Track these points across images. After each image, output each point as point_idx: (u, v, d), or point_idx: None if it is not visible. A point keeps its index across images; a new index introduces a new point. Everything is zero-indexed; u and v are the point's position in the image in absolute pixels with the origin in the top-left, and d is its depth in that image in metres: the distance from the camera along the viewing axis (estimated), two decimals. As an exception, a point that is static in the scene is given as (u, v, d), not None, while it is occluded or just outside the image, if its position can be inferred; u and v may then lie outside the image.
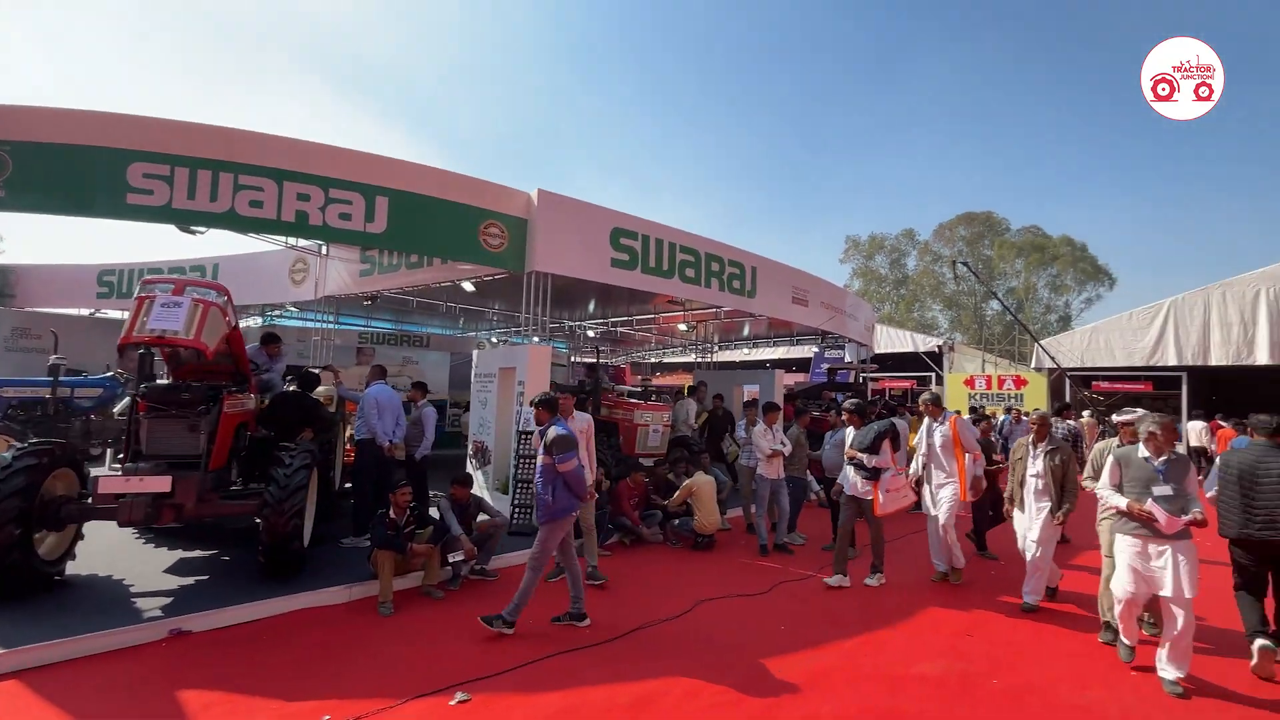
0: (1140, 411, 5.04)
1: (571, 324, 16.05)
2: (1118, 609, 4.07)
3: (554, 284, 8.45)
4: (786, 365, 26.01)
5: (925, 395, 6.11)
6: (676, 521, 7.04)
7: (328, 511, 6.71)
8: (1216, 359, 16.06)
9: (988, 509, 6.81)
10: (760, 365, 20.54)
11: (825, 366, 17.65)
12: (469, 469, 8.61)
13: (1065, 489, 4.96)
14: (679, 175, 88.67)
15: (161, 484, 4.43)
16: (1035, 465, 5.08)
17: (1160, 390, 16.96)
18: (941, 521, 5.58)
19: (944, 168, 71.65)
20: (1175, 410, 16.40)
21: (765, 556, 6.65)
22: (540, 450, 4.42)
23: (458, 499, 5.59)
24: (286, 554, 4.83)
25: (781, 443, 6.91)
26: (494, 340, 18.34)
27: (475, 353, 9.05)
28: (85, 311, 15.21)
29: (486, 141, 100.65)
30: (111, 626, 3.95)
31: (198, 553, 5.71)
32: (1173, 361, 16.63)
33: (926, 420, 5.89)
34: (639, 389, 12.75)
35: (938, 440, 5.72)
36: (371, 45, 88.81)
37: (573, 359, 19.34)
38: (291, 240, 9.57)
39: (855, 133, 76.78)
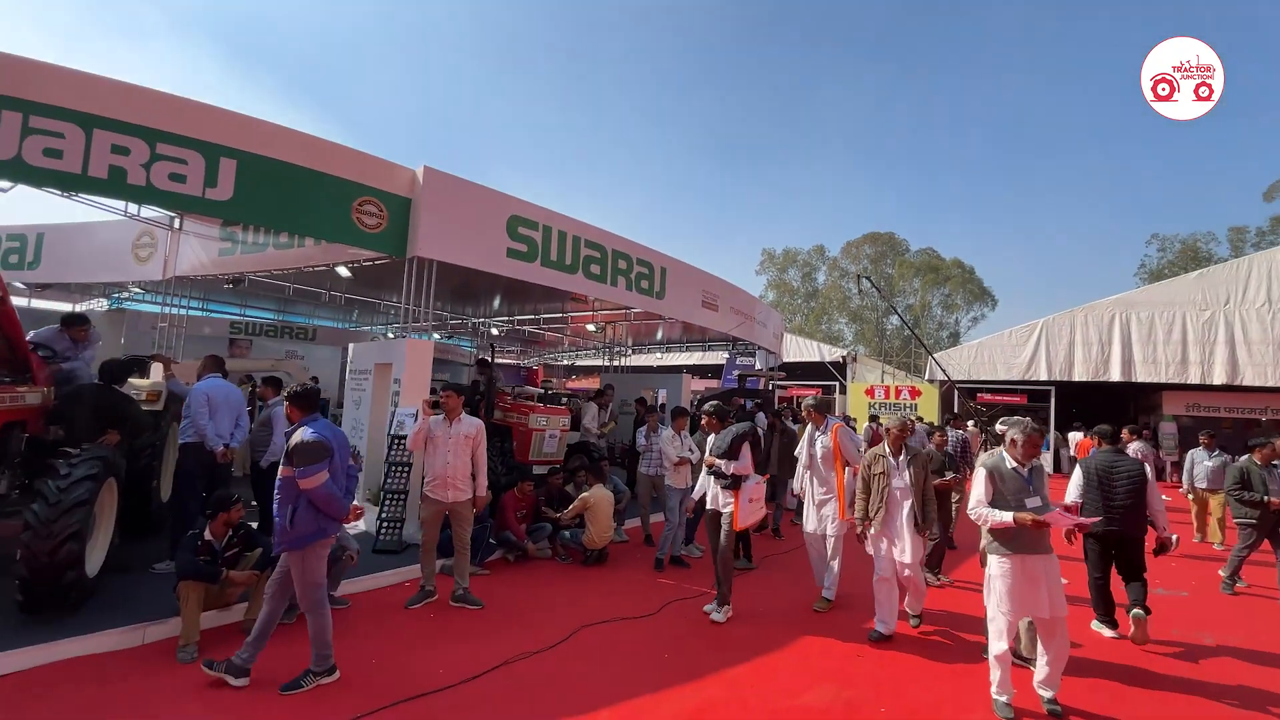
0: (1017, 418, 5.07)
1: (476, 320, 15.12)
2: (1001, 636, 3.64)
3: (454, 277, 7.70)
4: (701, 371, 26.25)
5: (808, 400, 5.66)
6: (567, 534, 6.48)
7: (147, 530, 5.63)
8: (1079, 374, 17.59)
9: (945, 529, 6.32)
10: (675, 370, 20.36)
11: (736, 373, 17.73)
12: (339, 477, 7.63)
13: (925, 501, 4.65)
14: (596, 178, 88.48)
15: None
16: (902, 477, 4.66)
17: (1033, 402, 18.35)
18: (829, 546, 5.27)
19: (856, 186, 75.96)
20: (1045, 420, 17.80)
21: (660, 571, 6.23)
22: (282, 460, 3.51)
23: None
24: (58, 585, 3.83)
25: (690, 449, 6.54)
26: (389, 335, 17.02)
27: (351, 347, 8.08)
28: None
29: (392, 125, 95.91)
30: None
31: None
32: (1044, 376, 18.05)
33: (809, 428, 5.53)
34: (538, 391, 12.12)
35: (818, 450, 5.31)
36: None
37: (478, 357, 18.31)
38: (133, 208, 8.20)
39: (772, 147, 79.77)
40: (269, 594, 3.59)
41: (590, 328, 13.14)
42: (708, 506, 5.11)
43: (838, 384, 23.05)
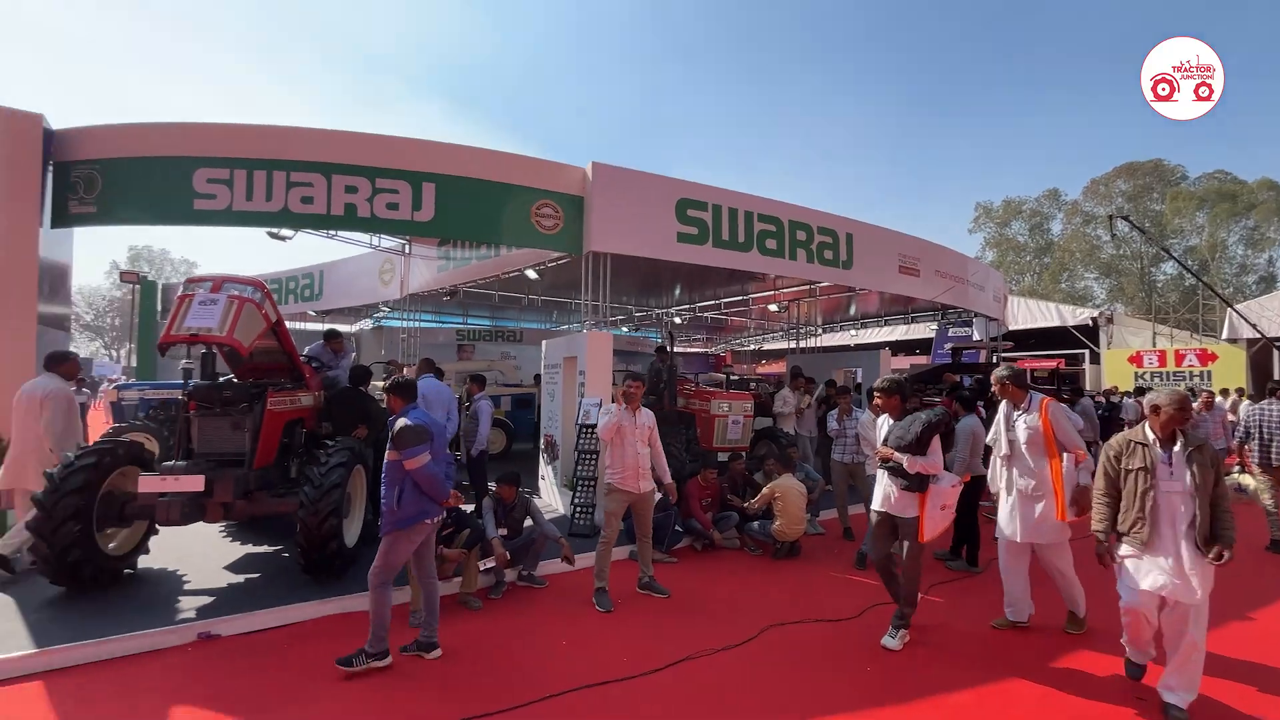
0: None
1: (659, 311, 15.42)
2: None
3: (636, 270, 7.86)
4: (906, 347, 23.68)
5: (1000, 371, 4.29)
6: (755, 525, 6.16)
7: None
8: None
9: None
10: (874, 347, 18.68)
11: (949, 346, 15.58)
12: (541, 464, 8.29)
13: (1219, 515, 3.13)
14: (780, 157, 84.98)
15: (195, 484, 4.39)
16: (1179, 476, 3.17)
17: None
18: (1045, 554, 4.12)
19: (1098, 113, 62.14)
20: None
21: (863, 569, 5.59)
22: (389, 444, 3.65)
23: (503, 499, 5.16)
24: (324, 555, 4.65)
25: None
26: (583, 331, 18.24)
27: (544, 344, 8.70)
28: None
29: (577, 133, 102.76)
30: (150, 627, 3.91)
31: (264, 548, 5.79)
32: None
33: (1003, 407, 4.27)
34: (721, 377, 11.85)
35: (1020, 433, 4.11)
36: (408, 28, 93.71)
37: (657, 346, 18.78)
38: (375, 240, 9.83)
39: (972, 90, 68.78)
40: (413, 577, 3.88)
41: (772, 307, 12.53)
42: (875, 507, 4.15)
43: (1086, 352, 19.00)
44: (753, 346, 23.92)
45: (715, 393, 8.05)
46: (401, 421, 3.65)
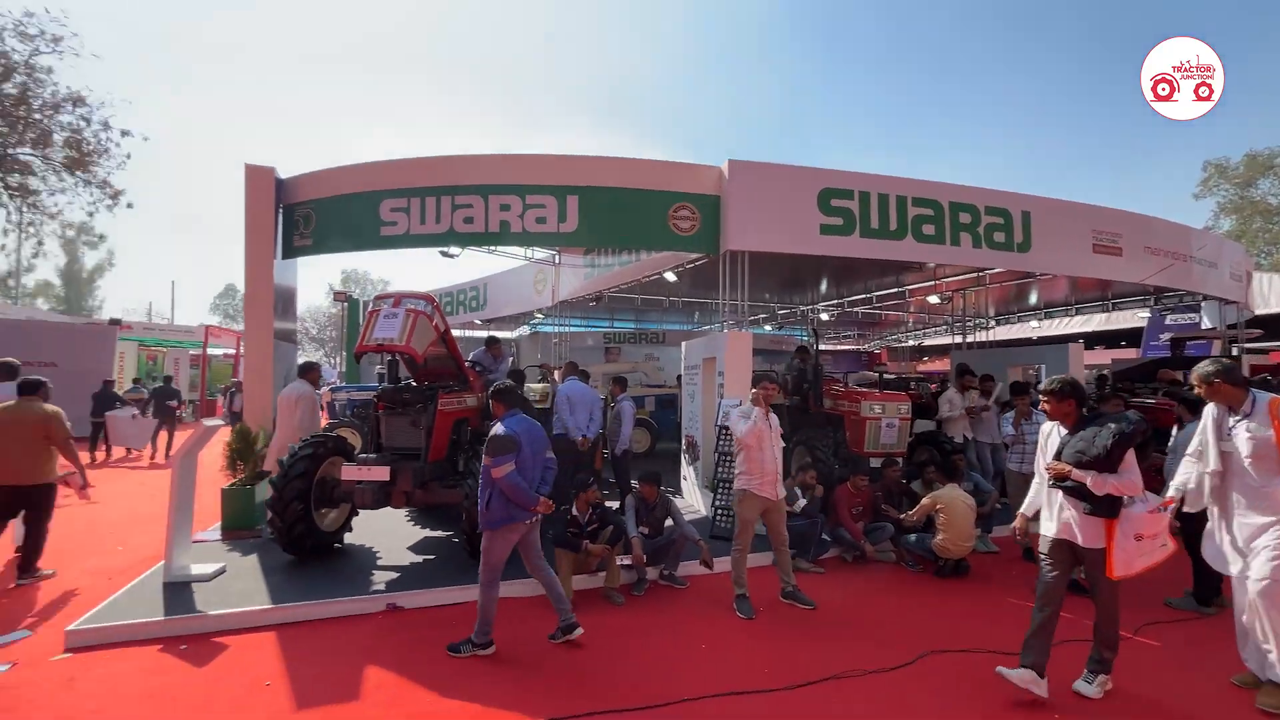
0: None
1: (804, 307, 14.79)
2: None
3: (778, 266, 7.64)
4: (1106, 339, 20.19)
5: (1203, 367, 3.46)
6: (912, 538, 5.63)
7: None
8: None
9: None
10: (1063, 340, 16.28)
11: (1167, 336, 13.02)
12: (683, 464, 8.35)
13: None
14: (940, 136, 77.06)
15: (382, 473, 5.06)
16: None
17: None
18: (1256, 593, 3.19)
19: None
20: None
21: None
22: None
23: (645, 498, 5.28)
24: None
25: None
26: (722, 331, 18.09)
27: (684, 345, 8.76)
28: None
29: (720, 133, 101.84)
30: (351, 595, 4.59)
31: (439, 533, 6.50)
32: None
33: (1211, 411, 3.45)
34: (873, 376, 11.00)
35: (1241, 444, 3.27)
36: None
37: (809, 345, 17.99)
38: (529, 252, 10.64)
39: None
40: (528, 568, 4.06)
41: (933, 299, 11.39)
42: (1049, 533, 3.40)
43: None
44: (911, 342, 21.98)
45: (867, 393, 7.51)
46: (494, 429, 3.83)
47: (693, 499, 7.70)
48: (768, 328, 18.24)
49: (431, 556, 5.67)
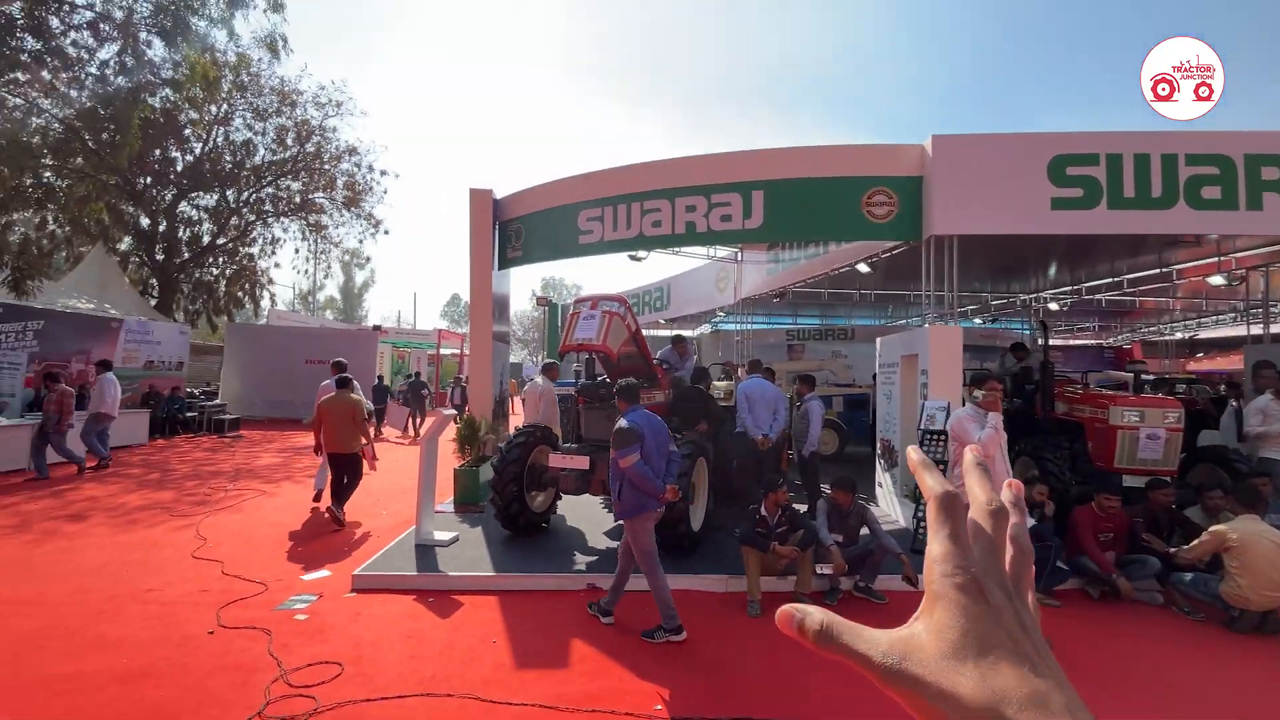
0: None
1: (1026, 297, 12.78)
2: None
3: (991, 251, 6.79)
4: None
5: None
6: (1187, 577, 4.54)
7: (730, 499, 7.10)
8: None
9: None
10: None
11: None
12: (878, 470, 7.75)
13: None
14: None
15: (582, 463, 5.48)
16: None
17: None
18: None
19: None
20: None
21: None
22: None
23: (839, 504, 5.01)
24: (675, 534, 5.26)
25: None
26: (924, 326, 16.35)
27: (879, 341, 8.11)
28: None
29: (913, 112, 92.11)
30: (558, 572, 5.07)
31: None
32: None
33: None
34: (1127, 376, 9.04)
35: None
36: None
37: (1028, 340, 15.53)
38: (711, 251, 10.75)
39: None
40: (619, 554, 4.23)
41: (1215, 280, 9.03)
42: None
43: None
44: (1179, 335, 17.76)
45: (1116, 397, 6.24)
46: (619, 423, 4.03)
47: (889, 508, 7.11)
48: (977, 320, 16.11)
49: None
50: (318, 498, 7.37)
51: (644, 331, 6.69)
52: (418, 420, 15.21)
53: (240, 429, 15.08)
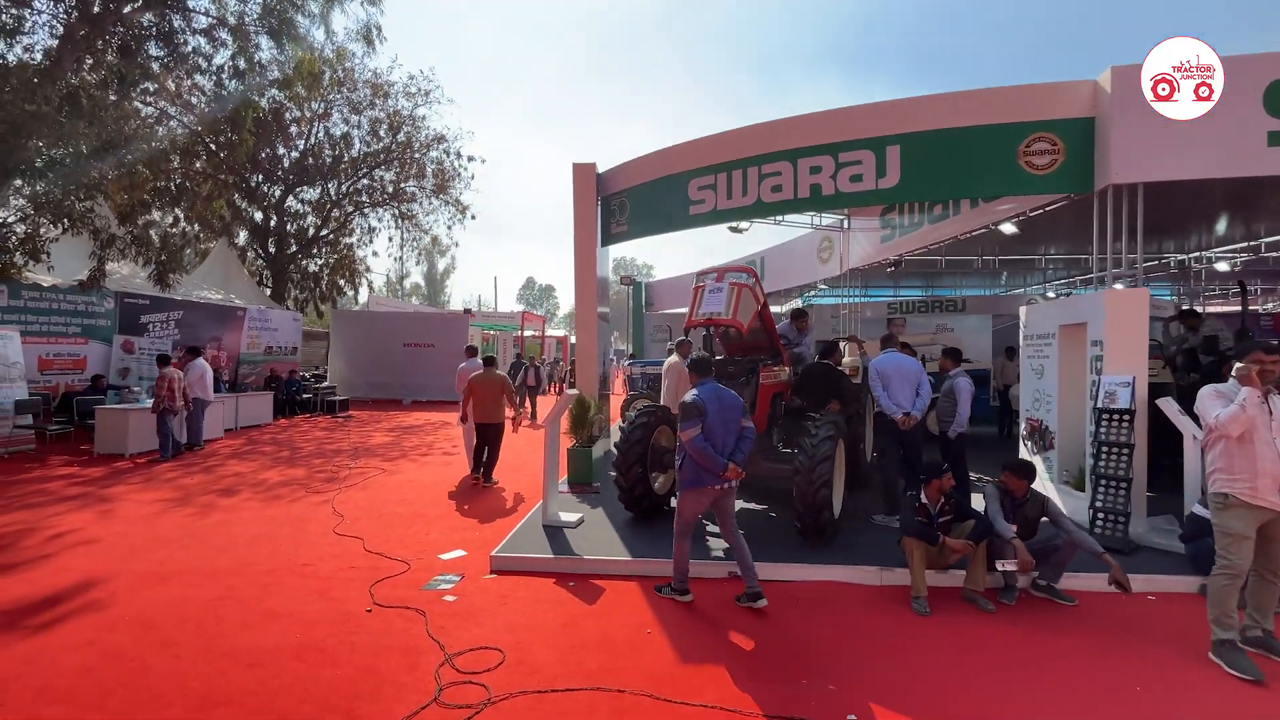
0: None
1: (1183, 257, 11.23)
2: None
3: (1157, 201, 5.86)
4: None
5: None
6: None
7: (859, 484, 6.62)
8: None
9: None
10: None
11: None
12: (1023, 452, 7.00)
13: None
14: None
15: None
16: None
17: None
18: None
19: None
20: None
21: None
22: None
23: (1014, 493, 4.44)
24: (817, 522, 4.89)
25: None
26: (1049, 295, 14.84)
27: (1022, 310, 7.27)
28: (682, 309, 20.56)
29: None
30: (698, 559, 4.81)
31: (753, 506, 6.54)
32: None
33: None
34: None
35: None
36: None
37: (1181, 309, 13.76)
38: (816, 220, 10.09)
39: None
40: (722, 533, 4.28)
41: None
42: None
43: None
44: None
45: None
46: (686, 396, 4.08)
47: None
48: (1117, 285, 14.42)
49: (761, 529, 5.69)
50: (476, 470, 7.67)
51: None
52: (529, 402, 15.27)
53: (349, 409, 15.94)
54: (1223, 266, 10.96)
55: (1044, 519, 4.38)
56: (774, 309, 18.83)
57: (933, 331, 14.98)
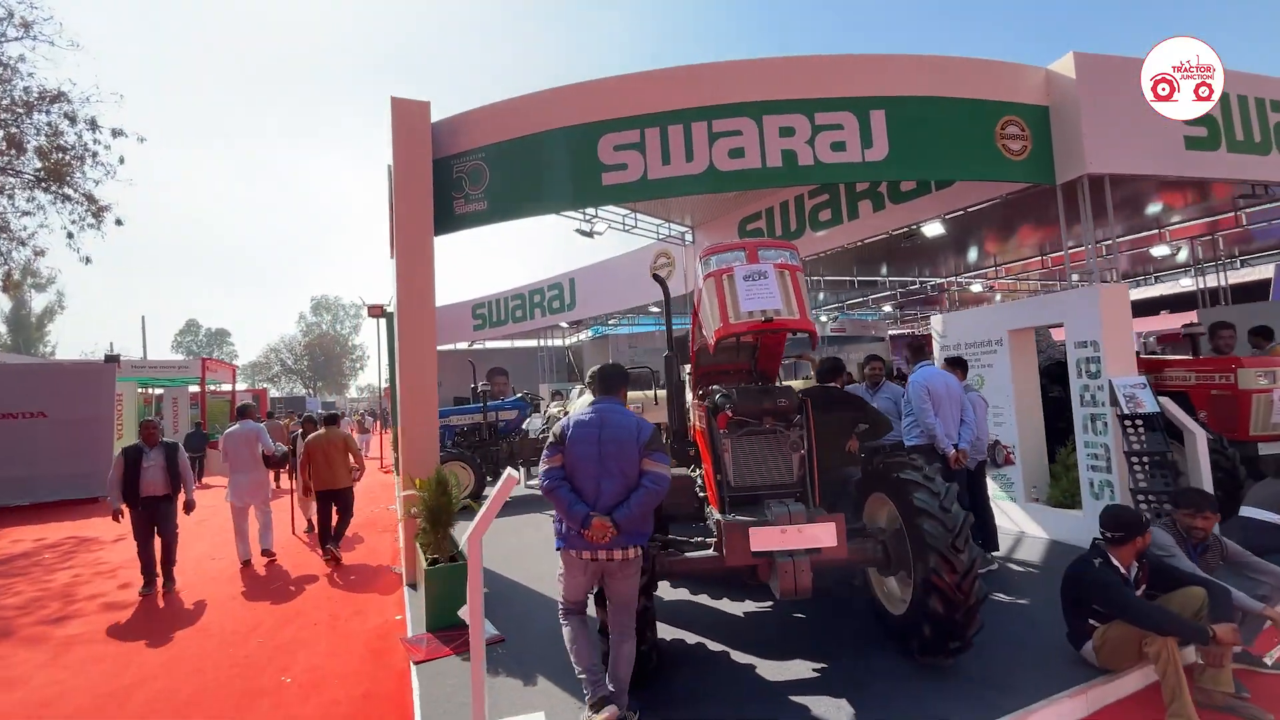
0: None
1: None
2: None
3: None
4: None
5: None
6: None
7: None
8: None
9: None
10: None
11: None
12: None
13: None
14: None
15: (818, 535, 2.99)
16: None
17: None
18: None
19: None
20: None
21: None
22: None
23: (1196, 532, 3.33)
24: (967, 627, 3.11)
25: None
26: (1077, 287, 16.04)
27: (936, 319, 6.86)
28: (463, 345, 17.19)
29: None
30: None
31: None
32: None
33: None
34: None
35: None
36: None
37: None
38: (666, 229, 8.64)
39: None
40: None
41: None
42: None
43: None
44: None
45: (1239, 359, 5.70)
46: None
47: (1005, 517, 5.79)
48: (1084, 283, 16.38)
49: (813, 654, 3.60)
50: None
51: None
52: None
53: None
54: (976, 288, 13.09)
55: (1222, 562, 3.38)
56: (554, 343, 16.83)
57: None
